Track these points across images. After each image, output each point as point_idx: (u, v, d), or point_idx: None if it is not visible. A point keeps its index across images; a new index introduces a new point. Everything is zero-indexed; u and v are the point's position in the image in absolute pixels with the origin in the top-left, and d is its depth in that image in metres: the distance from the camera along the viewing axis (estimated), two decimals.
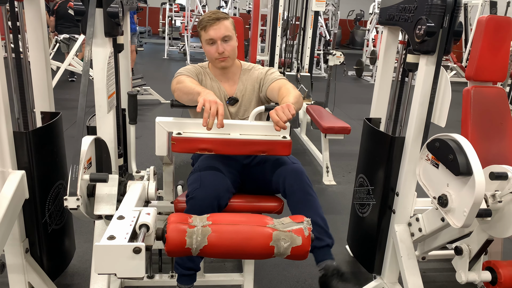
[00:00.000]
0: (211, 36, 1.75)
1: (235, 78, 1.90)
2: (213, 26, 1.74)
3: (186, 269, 1.72)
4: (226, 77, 1.89)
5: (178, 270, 1.74)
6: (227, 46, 1.77)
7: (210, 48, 1.78)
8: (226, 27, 1.75)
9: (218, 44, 1.75)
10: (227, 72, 1.88)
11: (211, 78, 1.88)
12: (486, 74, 1.96)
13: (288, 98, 1.62)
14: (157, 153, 1.67)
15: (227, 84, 1.89)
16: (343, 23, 13.35)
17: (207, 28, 1.75)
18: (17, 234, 1.62)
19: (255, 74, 1.90)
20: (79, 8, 1.44)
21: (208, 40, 1.76)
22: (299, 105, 1.65)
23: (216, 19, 1.74)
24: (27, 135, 1.59)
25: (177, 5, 10.81)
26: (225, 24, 1.75)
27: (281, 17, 4.58)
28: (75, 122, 1.31)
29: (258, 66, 1.95)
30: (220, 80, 1.89)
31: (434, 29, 1.51)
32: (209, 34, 1.75)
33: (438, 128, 1.63)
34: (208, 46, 1.78)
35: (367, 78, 8.75)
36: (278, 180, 1.71)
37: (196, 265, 1.74)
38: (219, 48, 1.75)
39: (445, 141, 1.45)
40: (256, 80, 1.89)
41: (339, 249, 2.45)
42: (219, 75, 1.89)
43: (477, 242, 1.60)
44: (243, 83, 1.89)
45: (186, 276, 1.74)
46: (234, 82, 1.90)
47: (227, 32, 1.76)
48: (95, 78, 1.52)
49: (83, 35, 1.80)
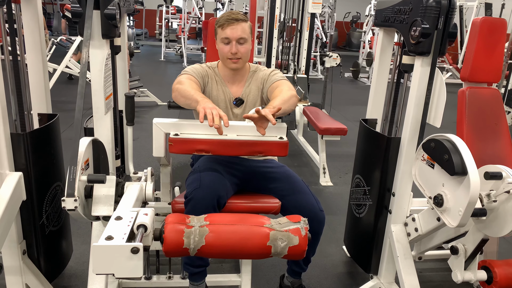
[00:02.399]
0: (227, 35, 1.74)
1: (242, 80, 1.89)
2: (231, 25, 1.74)
3: (196, 266, 1.75)
4: (234, 78, 1.88)
5: (188, 269, 1.76)
6: (241, 48, 1.77)
7: (223, 47, 1.77)
8: (243, 29, 1.76)
9: (233, 44, 1.75)
10: (236, 74, 1.87)
11: (217, 81, 1.86)
12: (480, 75, 1.97)
13: (274, 101, 1.62)
14: (154, 154, 1.67)
15: (234, 86, 1.88)
16: (339, 25, 13.39)
17: (225, 27, 1.75)
18: (14, 236, 1.62)
19: (260, 75, 1.90)
20: (76, 10, 1.44)
21: (224, 39, 1.76)
22: (286, 106, 1.63)
23: (235, 19, 1.74)
24: (24, 137, 1.59)
25: (174, 7, 10.83)
26: (243, 26, 1.76)
27: (277, 19, 4.60)
28: (73, 124, 1.32)
29: (264, 67, 1.95)
30: (227, 82, 1.87)
31: (429, 30, 1.52)
32: (226, 32, 1.74)
33: (434, 129, 1.64)
34: (222, 44, 1.78)
35: (364, 79, 8.78)
36: (295, 210, 1.71)
37: (205, 260, 1.76)
38: (232, 49, 1.75)
39: (440, 141, 1.47)
40: (260, 81, 1.88)
41: (336, 249, 2.46)
42: (227, 76, 1.88)
43: (473, 242, 1.62)
44: (249, 84, 1.89)
45: (197, 274, 1.77)
46: (241, 83, 1.89)
47: (244, 35, 1.76)
48: (93, 80, 1.53)
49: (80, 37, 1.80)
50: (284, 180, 1.80)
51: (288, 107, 1.64)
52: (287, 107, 1.63)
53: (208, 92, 1.84)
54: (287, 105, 1.63)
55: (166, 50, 10.41)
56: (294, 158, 4.04)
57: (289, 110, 1.66)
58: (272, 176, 1.82)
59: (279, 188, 1.78)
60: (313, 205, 1.73)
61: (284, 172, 1.84)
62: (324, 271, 2.25)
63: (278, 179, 1.81)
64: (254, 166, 1.85)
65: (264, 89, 1.87)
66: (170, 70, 8.98)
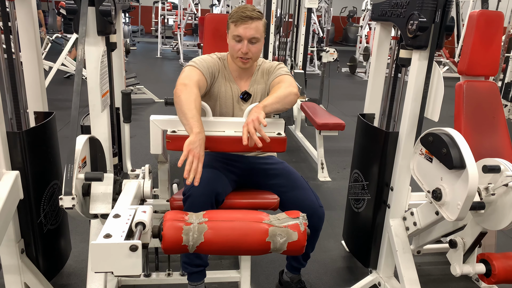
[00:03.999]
0: (240, 33, 1.68)
1: (250, 75, 1.85)
2: (244, 23, 1.67)
3: (195, 266, 1.73)
4: (242, 74, 1.83)
5: (187, 269, 1.74)
6: (253, 47, 1.71)
7: (235, 44, 1.71)
8: (257, 28, 1.69)
9: (245, 44, 1.69)
10: (245, 70, 1.82)
11: (226, 77, 1.81)
12: (478, 69, 1.97)
13: (268, 98, 1.60)
14: (152, 152, 1.66)
15: (242, 81, 1.84)
16: (336, 20, 13.38)
17: (238, 24, 1.68)
18: (12, 235, 1.61)
19: (265, 66, 1.86)
20: (71, 7, 1.43)
21: (235, 36, 1.70)
22: (280, 105, 1.61)
23: (250, 18, 1.67)
24: (21, 135, 1.58)
25: (170, 3, 10.77)
26: (257, 25, 1.69)
27: (274, 15, 4.58)
28: (69, 122, 1.31)
29: (269, 60, 1.91)
30: (235, 77, 1.83)
31: (426, 24, 1.52)
32: (238, 30, 1.68)
33: (432, 123, 1.64)
34: (233, 41, 1.71)
35: (361, 74, 8.78)
36: (295, 206, 1.67)
37: (204, 261, 1.74)
38: (244, 48, 1.69)
39: (438, 135, 1.46)
40: (266, 72, 1.85)
41: (334, 244, 2.47)
42: (236, 72, 1.83)
43: (471, 235, 1.62)
44: (255, 78, 1.85)
45: (195, 274, 1.75)
46: (249, 78, 1.85)
47: (257, 34, 1.69)
48: (89, 77, 1.52)
49: (75, 34, 1.78)
50: (283, 176, 1.79)
51: (282, 106, 1.62)
52: (280, 106, 1.61)
53: (217, 88, 1.79)
54: (281, 104, 1.61)
55: (162, 47, 10.37)
56: (292, 154, 4.04)
57: (284, 109, 1.64)
58: (272, 173, 1.81)
59: (278, 185, 1.78)
60: (312, 201, 1.72)
61: (284, 168, 1.83)
62: (323, 266, 2.25)
63: (277, 175, 1.80)
64: (253, 163, 1.84)
65: (268, 81, 1.83)
66: (167, 67, 8.95)
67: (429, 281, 2.18)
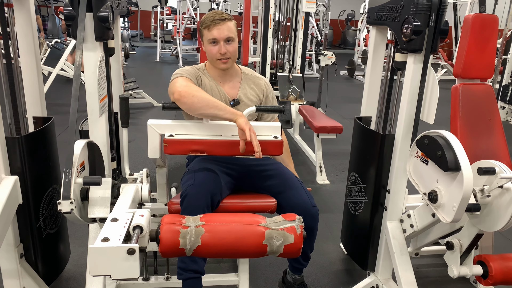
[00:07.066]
0: (214, 36, 1.74)
1: (235, 81, 1.89)
2: (217, 26, 1.73)
3: (190, 271, 1.68)
4: (224, 79, 1.88)
5: (182, 275, 1.69)
6: (230, 47, 1.77)
7: (212, 48, 1.77)
8: (229, 28, 1.75)
9: (221, 44, 1.75)
10: (226, 74, 1.87)
11: (208, 82, 1.86)
12: (473, 72, 1.98)
13: (289, 162, 1.98)
14: (149, 156, 1.67)
15: (227, 86, 1.88)
16: (334, 24, 13.42)
17: (211, 28, 1.74)
18: (11, 240, 1.62)
19: (260, 84, 1.94)
20: (69, 13, 1.44)
21: (211, 40, 1.75)
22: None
23: (221, 19, 1.74)
24: (20, 140, 1.59)
25: (169, 8, 10.80)
26: (229, 25, 1.75)
27: (272, 19, 4.60)
28: (68, 127, 1.32)
29: (260, 75, 1.99)
30: (218, 82, 1.87)
31: (421, 28, 1.53)
32: (213, 34, 1.74)
33: (428, 126, 1.65)
34: (210, 45, 1.77)
35: (359, 77, 8.80)
36: (288, 207, 1.75)
37: (200, 266, 1.69)
38: (221, 49, 1.75)
39: (433, 138, 1.48)
40: (260, 91, 1.93)
41: (333, 247, 2.47)
42: (218, 77, 1.87)
43: (468, 237, 1.63)
44: (245, 87, 1.90)
45: (191, 279, 1.69)
46: (235, 85, 1.89)
47: (230, 34, 1.76)
48: (87, 82, 1.53)
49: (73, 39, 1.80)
50: (277, 177, 1.82)
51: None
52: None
53: None
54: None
55: (161, 51, 10.39)
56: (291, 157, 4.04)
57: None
58: (267, 174, 1.83)
59: (273, 186, 1.80)
60: (304, 201, 1.73)
61: (277, 169, 1.86)
62: (321, 269, 2.26)
63: (272, 176, 1.82)
64: (249, 165, 1.86)
65: (264, 101, 1.95)
66: (166, 71, 8.96)
67: (427, 283, 2.18)
